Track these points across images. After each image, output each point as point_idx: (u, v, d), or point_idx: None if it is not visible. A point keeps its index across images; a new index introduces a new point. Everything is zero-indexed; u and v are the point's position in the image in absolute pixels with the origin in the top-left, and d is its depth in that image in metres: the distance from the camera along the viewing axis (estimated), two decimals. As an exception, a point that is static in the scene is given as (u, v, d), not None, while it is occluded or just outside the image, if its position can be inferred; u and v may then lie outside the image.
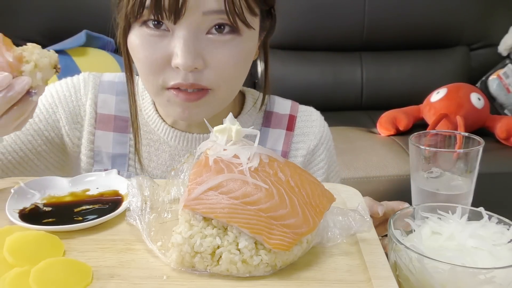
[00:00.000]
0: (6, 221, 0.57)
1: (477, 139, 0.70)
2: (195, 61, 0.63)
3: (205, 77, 0.66)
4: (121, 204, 0.61)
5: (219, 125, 0.55)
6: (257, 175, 0.51)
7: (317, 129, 0.86)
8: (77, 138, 0.81)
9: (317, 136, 0.86)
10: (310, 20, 2.21)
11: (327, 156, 0.87)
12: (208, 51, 0.65)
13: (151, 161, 0.82)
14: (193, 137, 0.80)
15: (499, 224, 0.55)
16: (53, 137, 0.80)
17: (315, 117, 0.88)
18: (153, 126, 0.81)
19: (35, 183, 0.65)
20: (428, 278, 0.49)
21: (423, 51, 2.30)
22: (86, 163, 0.81)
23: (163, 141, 0.81)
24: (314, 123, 0.87)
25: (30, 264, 0.47)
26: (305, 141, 0.85)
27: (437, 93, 1.95)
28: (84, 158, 0.81)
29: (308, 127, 0.86)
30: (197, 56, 0.64)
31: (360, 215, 0.55)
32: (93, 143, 0.81)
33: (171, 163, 0.81)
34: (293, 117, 0.86)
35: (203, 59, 0.65)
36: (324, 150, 0.87)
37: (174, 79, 0.65)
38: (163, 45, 0.64)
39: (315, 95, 2.19)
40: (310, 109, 0.89)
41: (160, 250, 0.51)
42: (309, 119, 0.87)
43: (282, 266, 0.50)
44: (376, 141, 1.89)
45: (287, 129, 0.85)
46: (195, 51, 0.64)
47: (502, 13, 2.29)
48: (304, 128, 0.86)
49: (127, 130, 0.82)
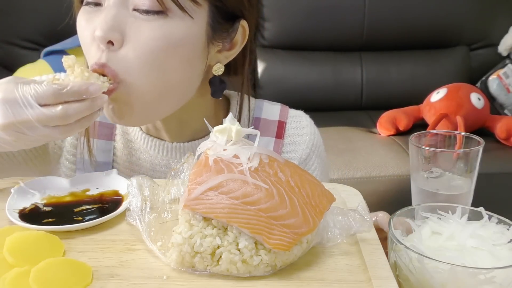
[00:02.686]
0: (6, 221, 0.57)
1: (477, 139, 0.70)
2: (111, 33, 0.60)
3: (118, 58, 0.61)
4: (121, 204, 0.61)
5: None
6: (257, 175, 0.51)
7: (308, 137, 0.82)
8: (60, 140, 0.80)
9: (308, 145, 0.82)
10: (310, 20, 2.21)
11: (319, 164, 0.84)
12: (129, 27, 0.61)
13: (133, 171, 0.79)
14: (172, 147, 0.77)
15: (499, 224, 0.55)
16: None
17: (305, 123, 0.84)
18: (133, 135, 0.79)
19: (35, 183, 0.65)
20: (428, 278, 0.49)
21: (423, 51, 2.30)
22: (68, 169, 0.80)
23: (143, 150, 0.78)
24: (304, 131, 0.82)
25: (30, 264, 0.47)
26: (296, 151, 0.82)
27: (437, 93, 1.95)
28: (66, 163, 0.80)
29: (299, 135, 0.82)
30: (114, 29, 0.60)
31: (360, 215, 0.55)
32: (76, 148, 0.79)
33: (153, 174, 0.78)
34: (282, 124, 0.81)
35: (121, 34, 0.61)
36: (317, 158, 0.84)
37: (93, 57, 0.62)
38: (94, 21, 0.62)
39: (315, 95, 2.19)
40: (300, 114, 0.85)
41: (160, 250, 0.51)
42: (299, 126, 0.83)
43: (282, 266, 0.50)
44: (376, 141, 1.89)
45: (277, 136, 0.81)
46: (113, 23, 0.60)
47: (502, 13, 2.29)
48: (295, 136, 0.82)
49: (111, 137, 0.80)
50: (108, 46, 0.61)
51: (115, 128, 0.80)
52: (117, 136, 0.80)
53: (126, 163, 0.80)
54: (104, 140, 0.80)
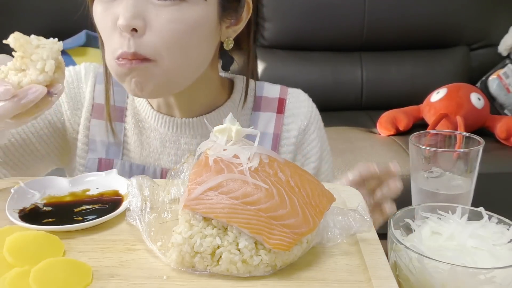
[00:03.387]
0: (6, 221, 0.57)
1: (477, 139, 0.70)
2: (134, 20, 0.64)
3: (146, 44, 0.66)
4: (121, 204, 0.61)
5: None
6: (257, 175, 0.51)
7: (306, 109, 0.88)
8: (77, 124, 0.83)
9: (307, 115, 0.87)
10: (310, 20, 2.21)
11: (318, 135, 0.89)
12: (149, 13, 0.65)
13: (143, 149, 0.83)
14: (182, 122, 0.81)
15: (499, 224, 0.55)
16: (55, 121, 0.81)
17: (303, 98, 0.90)
18: (143, 114, 0.82)
19: (35, 183, 0.65)
20: (428, 278, 0.49)
21: (423, 51, 2.31)
22: (81, 150, 0.83)
23: (153, 128, 0.82)
24: (303, 104, 0.88)
25: (30, 264, 0.47)
26: (295, 122, 0.87)
27: (437, 93, 1.95)
28: (80, 144, 0.83)
29: (297, 108, 0.87)
30: (136, 16, 0.64)
31: (360, 215, 0.55)
32: (89, 130, 0.82)
33: (162, 151, 0.82)
34: (283, 100, 0.87)
35: (144, 21, 0.65)
36: (315, 129, 0.88)
37: (120, 47, 0.66)
38: (113, 10, 0.66)
39: (315, 95, 2.17)
40: (298, 91, 0.91)
41: (160, 250, 0.51)
42: (298, 100, 0.88)
43: (282, 266, 0.50)
44: (376, 141, 1.90)
45: (278, 112, 0.86)
46: (135, 11, 0.64)
47: (502, 13, 2.29)
48: (294, 109, 0.87)
49: (122, 119, 0.83)
50: (132, 33, 0.65)
51: (126, 110, 0.84)
52: (128, 117, 0.84)
53: (136, 142, 0.83)
54: (116, 121, 0.83)
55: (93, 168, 0.82)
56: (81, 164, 0.83)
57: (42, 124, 0.80)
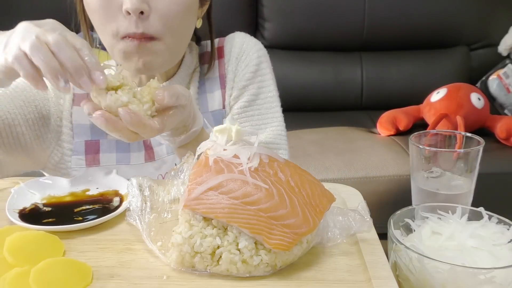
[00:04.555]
0: (6, 221, 0.57)
1: (477, 139, 0.70)
2: (142, 4, 0.71)
3: (151, 24, 0.73)
4: (121, 204, 0.61)
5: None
6: (257, 175, 0.51)
7: (239, 41, 0.92)
8: (60, 112, 0.84)
9: (236, 45, 0.92)
10: (310, 20, 2.21)
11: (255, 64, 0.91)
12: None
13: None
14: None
15: (499, 224, 0.55)
16: (41, 107, 0.82)
17: (238, 35, 0.95)
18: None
19: (35, 183, 0.65)
20: (428, 278, 0.49)
21: (423, 51, 2.30)
22: (67, 135, 0.84)
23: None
24: (236, 38, 0.93)
25: (30, 264, 0.47)
26: (230, 56, 0.92)
27: (437, 93, 1.95)
28: (66, 130, 0.84)
29: (232, 46, 0.93)
30: (144, 0, 0.72)
31: (360, 215, 0.55)
32: (71, 116, 0.85)
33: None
34: (221, 48, 0.93)
35: (148, 5, 0.72)
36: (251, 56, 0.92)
37: (126, 28, 0.72)
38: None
39: (315, 95, 2.19)
40: (233, 33, 0.96)
41: (160, 250, 0.51)
42: (233, 39, 0.93)
43: (282, 266, 0.50)
44: (376, 141, 1.89)
45: (219, 58, 0.93)
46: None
47: (502, 13, 2.29)
48: (230, 48, 0.93)
49: None
50: (139, 15, 0.72)
51: None
52: None
53: None
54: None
55: (80, 150, 0.84)
56: (69, 148, 0.84)
57: (30, 108, 0.81)
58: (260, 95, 0.92)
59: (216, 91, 0.91)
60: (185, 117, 0.66)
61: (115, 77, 0.57)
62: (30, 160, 0.84)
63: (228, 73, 0.92)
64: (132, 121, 0.55)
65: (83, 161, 0.84)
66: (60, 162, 0.85)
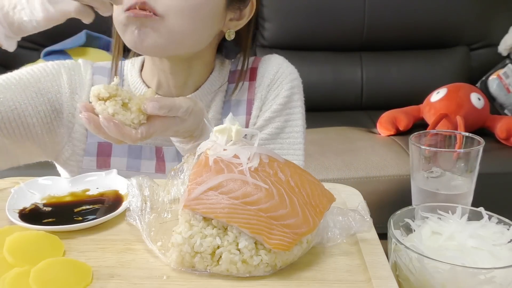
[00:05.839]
0: (6, 221, 0.57)
1: (477, 139, 0.70)
2: None
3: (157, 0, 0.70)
4: (121, 204, 0.61)
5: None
6: (257, 175, 0.51)
7: (275, 67, 0.88)
8: (74, 108, 0.84)
9: (271, 71, 0.88)
10: (310, 20, 2.21)
11: (287, 91, 0.87)
12: None
13: None
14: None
15: (499, 224, 0.55)
16: (54, 100, 0.82)
17: (274, 58, 0.90)
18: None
19: (35, 183, 0.65)
20: (428, 278, 0.49)
21: (423, 51, 2.30)
22: (81, 134, 0.84)
23: None
24: (272, 63, 0.89)
25: (30, 264, 0.47)
26: (264, 81, 0.87)
27: (437, 93, 1.95)
28: (79, 129, 0.84)
29: (267, 71, 0.88)
30: None
31: (360, 215, 0.55)
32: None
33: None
34: (254, 69, 0.89)
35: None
36: (284, 86, 0.87)
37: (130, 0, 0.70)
38: None
39: (315, 95, 2.19)
40: (271, 55, 0.91)
41: (160, 250, 0.51)
42: (269, 63, 0.89)
43: (282, 266, 0.50)
44: (376, 141, 1.89)
45: (250, 79, 0.88)
46: None
47: (502, 13, 2.29)
48: (264, 72, 0.88)
49: None
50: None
51: None
52: None
53: None
54: None
55: (92, 152, 0.84)
56: (82, 148, 0.84)
57: (41, 100, 0.80)
58: (285, 129, 0.87)
59: (240, 116, 0.87)
60: (187, 128, 0.67)
61: (107, 88, 0.60)
62: (42, 151, 0.84)
63: (256, 99, 0.87)
64: (111, 129, 0.60)
65: (94, 162, 0.84)
66: (69, 159, 0.85)
